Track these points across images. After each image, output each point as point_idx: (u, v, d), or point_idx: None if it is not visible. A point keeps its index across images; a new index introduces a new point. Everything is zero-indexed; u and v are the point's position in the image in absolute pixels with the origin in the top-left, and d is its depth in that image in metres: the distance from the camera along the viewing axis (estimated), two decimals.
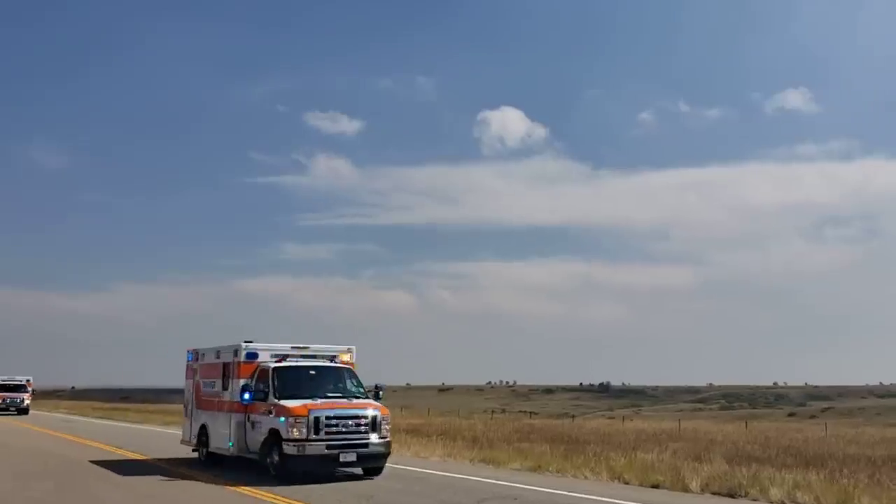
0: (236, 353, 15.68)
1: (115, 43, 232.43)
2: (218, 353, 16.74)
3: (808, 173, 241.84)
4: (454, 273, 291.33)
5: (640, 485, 13.65)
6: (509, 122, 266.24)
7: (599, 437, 28.92)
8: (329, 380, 15.36)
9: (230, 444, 15.43)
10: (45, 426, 34.39)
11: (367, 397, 15.07)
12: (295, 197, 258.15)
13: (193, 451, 17.50)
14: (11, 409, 47.35)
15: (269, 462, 14.04)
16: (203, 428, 17.00)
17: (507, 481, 13.84)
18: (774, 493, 11.87)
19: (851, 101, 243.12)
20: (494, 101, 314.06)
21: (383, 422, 14.49)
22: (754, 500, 11.93)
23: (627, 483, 13.94)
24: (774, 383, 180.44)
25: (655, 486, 13.39)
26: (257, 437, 14.66)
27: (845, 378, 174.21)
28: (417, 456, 19.50)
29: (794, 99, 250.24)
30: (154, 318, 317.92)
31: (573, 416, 71.24)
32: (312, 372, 15.36)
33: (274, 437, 13.94)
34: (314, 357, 15.88)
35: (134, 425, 37.74)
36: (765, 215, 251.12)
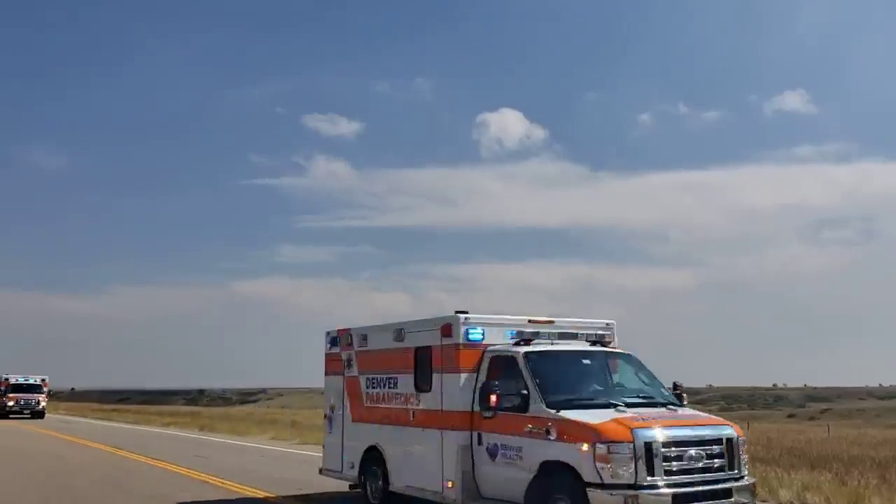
0: (448, 330, 9.78)
1: (114, 46, 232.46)
2: (401, 332, 10.78)
3: (806, 175, 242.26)
4: (453, 275, 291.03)
5: None
6: (508, 124, 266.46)
7: None
8: (613, 376, 9.67)
9: (447, 482, 9.41)
10: (57, 430, 34.22)
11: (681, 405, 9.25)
12: (293, 199, 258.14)
13: (353, 487, 11.63)
14: (26, 411, 42.60)
15: None
16: (374, 452, 10.92)
17: None
18: (784, 494, 11.78)
19: (850, 102, 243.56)
20: (493, 103, 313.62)
21: (741, 449, 8.60)
22: (763, 501, 11.82)
23: None
24: (774, 385, 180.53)
25: None
26: (512, 476, 8.64)
27: (844, 379, 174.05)
28: None
29: (793, 101, 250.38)
30: (152, 319, 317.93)
31: None
32: (587, 361, 9.74)
33: (556, 477, 8.14)
34: (573, 338, 10.11)
35: (153, 428, 37.60)
36: (763, 217, 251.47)
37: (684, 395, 9.56)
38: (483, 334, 9.59)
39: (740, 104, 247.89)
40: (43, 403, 43.44)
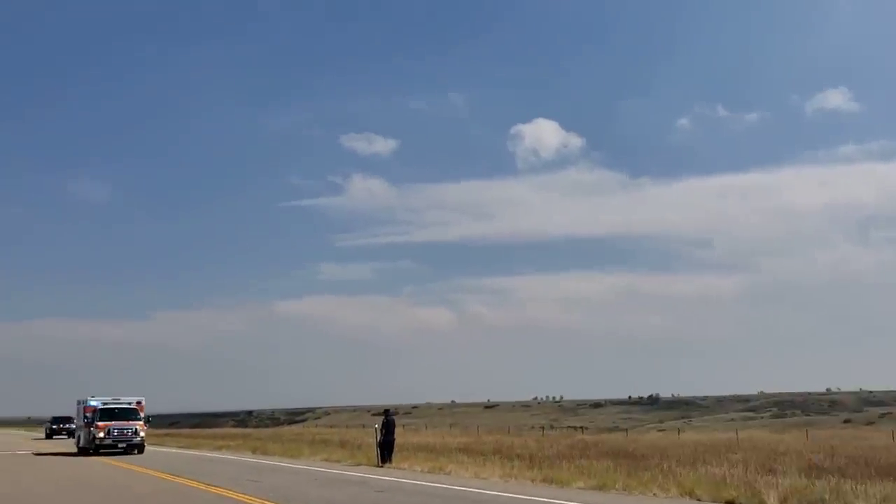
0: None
1: (152, 75, 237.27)
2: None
3: (851, 174, 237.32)
4: (493, 288, 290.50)
5: (713, 501, 13.16)
6: (544, 134, 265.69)
7: (657, 451, 28.31)
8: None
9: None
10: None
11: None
12: (333, 218, 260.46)
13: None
14: (120, 445, 32.36)
15: None
16: None
17: (574, 501, 13.43)
18: None
19: (893, 98, 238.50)
20: (528, 114, 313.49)
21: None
22: None
23: (699, 499, 13.46)
24: (827, 389, 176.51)
25: (730, 502, 12.89)
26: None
27: None
28: (477, 477, 19.15)
29: (834, 99, 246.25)
30: (198, 342, 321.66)
31: (626, 430, 70.14)
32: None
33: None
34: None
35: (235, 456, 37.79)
36: (808, 218, 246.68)
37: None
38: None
39: (781, 104, 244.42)
40: (142, 434, 33.49)
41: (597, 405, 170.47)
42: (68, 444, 41.16)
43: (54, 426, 60.86)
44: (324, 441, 39.80)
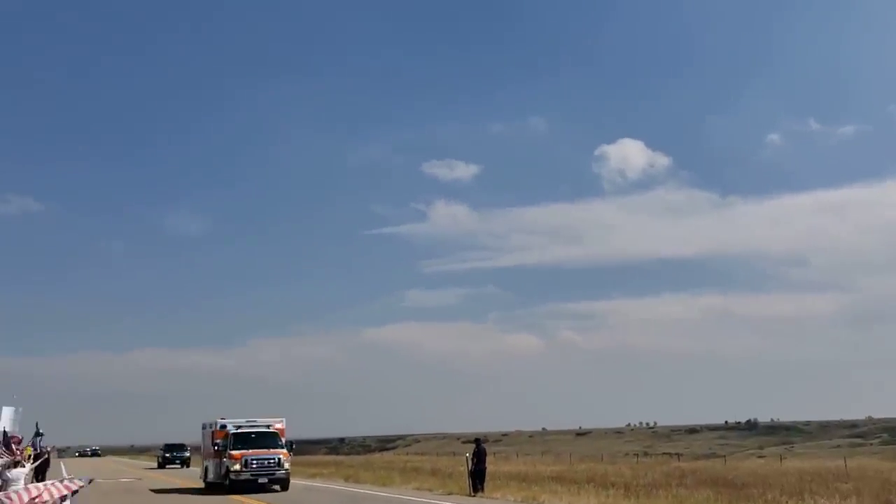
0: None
1: (240, 111, 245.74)
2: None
3: None
4: (582, 312, 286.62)
5: None
6: (629, 155, 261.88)
7: (758, 480, 27.30)
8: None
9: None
10: None
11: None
12: (416, 245, 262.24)
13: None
14: (261, 480, 25.88)
15: None
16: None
17: None
18: None
19: None
20: (612, 135, 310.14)
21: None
22: None
23: None
24: None
25: None
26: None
27: None
28: None
29: None
30: (289, 370, 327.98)
31: (724, 457, 67.81)
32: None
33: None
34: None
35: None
36: None
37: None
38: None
39: (878, 115, 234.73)
40: (287, 465, 26.51)
41: (692, 431, 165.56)
42: (185, 475, 39.04)
43: (167, 454, 56.75)
44: (415, 469, 39.89)
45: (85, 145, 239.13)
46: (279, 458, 26.10)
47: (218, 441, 27.18)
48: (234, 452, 25.92)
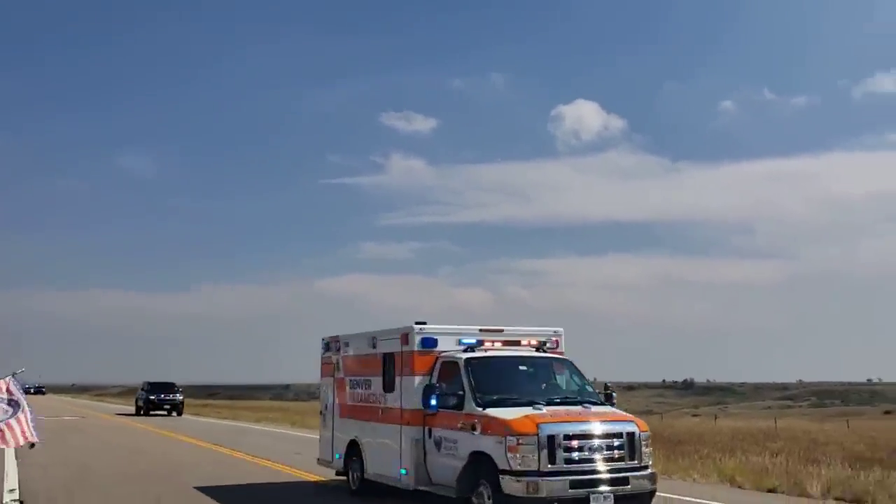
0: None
1: (195, 52, 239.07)
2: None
3: None
4: (531, 270, 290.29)
5: (755, 489, 13.15)
6: (585, 116, 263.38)
7: (693, 437, 28.16)
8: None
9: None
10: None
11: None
12: (372, 197, 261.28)
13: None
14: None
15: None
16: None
17: None
18: None
19: None
20: (569, 96, 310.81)
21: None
22: None
23: (741, 487, 13.45)
24: (868, 380, 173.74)
25: (771, 491, 12.87)
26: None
27: None
28: None
29: (885, 83, 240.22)
30: (238, 316, 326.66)
31: (660, 414, 69.86)
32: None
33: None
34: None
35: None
36: (854, 206, 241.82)
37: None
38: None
39: (829, 88, 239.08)
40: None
41: (630, 388, 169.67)
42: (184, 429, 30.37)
43: (152, 397, 42.35)
44: None
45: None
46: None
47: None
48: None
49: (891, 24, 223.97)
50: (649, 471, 9.66)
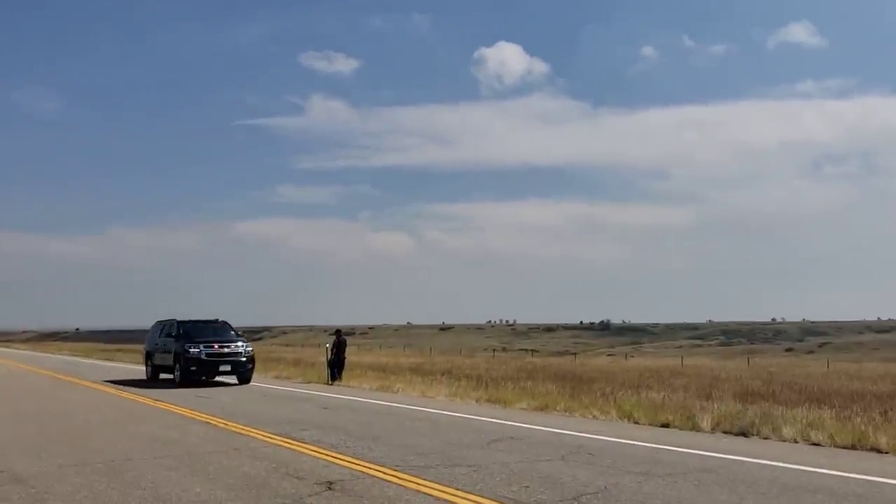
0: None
1: None
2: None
3: (807, 111, 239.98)
4: (452, 214, 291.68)
5: (650, 424, 13.52)
6: (507, 59, 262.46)
7: (603, 375, 29.03)
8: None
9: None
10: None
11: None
12: (290, 139, 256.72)
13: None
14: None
15: None
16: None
17: (515, 421, 13.70)
18: (787, 431, 11.70)
19: (854, 33, 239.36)
20: (492, 38, 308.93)
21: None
22: (766, 438, 11.78)
23: (637, 422, 13.81)
24: (773, 319, 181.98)
25: (665, 426, 13.25)
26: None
27: (843, 314, 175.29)
28: (423, 396, 19.45)
29: (798, 33, 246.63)
30: (153, 259, 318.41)
31: (575, 354, 71.68)
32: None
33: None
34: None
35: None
36: (763, 154, 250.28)
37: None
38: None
39: (745, 37, 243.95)
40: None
41: (549, 329, 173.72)
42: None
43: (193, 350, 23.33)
44: (277, 359, 40.01)
45: None
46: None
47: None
48: None
49: None
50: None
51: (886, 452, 10.36)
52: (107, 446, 11.06)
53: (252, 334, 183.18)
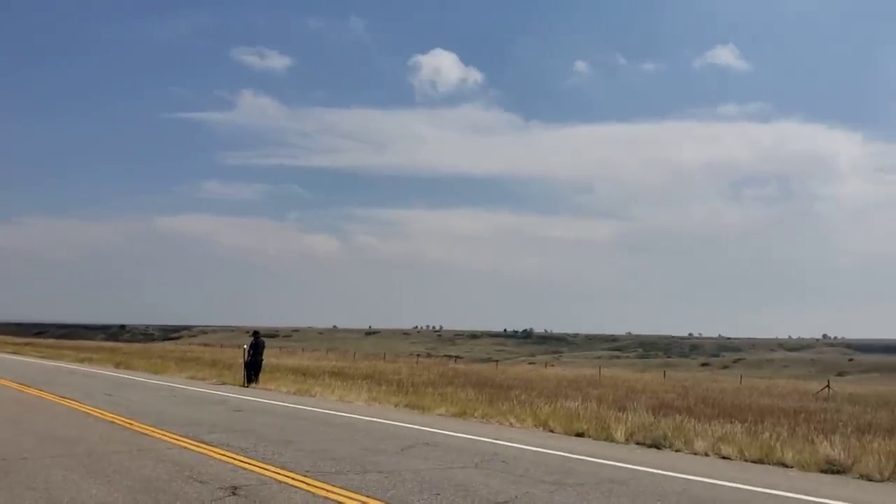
0: None
1: None
2: None
3: (729, 133, 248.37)
4: (381, 219, 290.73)
5: (565, 433, 13.56)
6: (442, 67, 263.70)
7: (523, 383, 29.15)
8: None
9: None
10: None
11: None
12: (218, 134, 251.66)
13: None
14: None
15: None
16: None
17: (432, 427, 13.57)
18: (699, 445, 11.87)
19: (776, 59, 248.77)
20: (428, 45, 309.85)
21: None
22: (678, 450, 11.92)
23: (552, 431, 13.84)
24: (689, 334, 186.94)
25: (580, 435, 13.31)
26: None
27: (757, 331, 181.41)
28: (342, 400, 19.14)
29: (724, 56, 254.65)
30: (71, 251, 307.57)
31: (497, 362, 72.08)
32: None
33: None
34: None
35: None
36: (687, 173, 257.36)
37: None
38: None
39: (676, 58, 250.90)
40: None
41: (474, 336, 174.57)
42: None
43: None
44: (194, 359, 38.99)
45: None
46: None
47: None
48: None
49: (731, 1, 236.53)
50: None
51: (791, 467, 10.59)
52: (1, 444, 10.47)
53: (169, 332, 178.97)
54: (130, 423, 12.92)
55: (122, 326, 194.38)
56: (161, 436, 11.56)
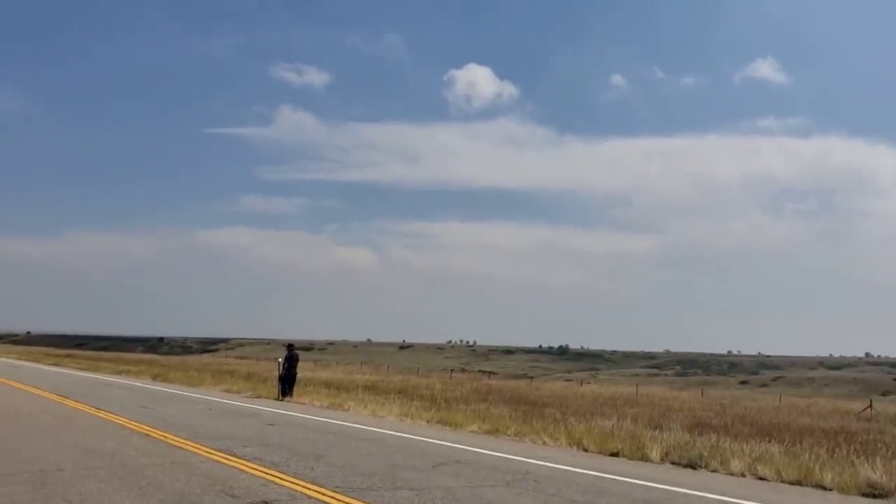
0: None
1: None
2: None
3: (768, 147, 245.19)
4: (417, 232, 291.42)
5: (599, 452, 13.40)
6: (477, 82, 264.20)
7: (557, 401, 28.92)
8: None
9: None
10: None
11: None
12: (258, 149, 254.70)
13: None
14: None
15: None
16: None
17: (463, 444, 13.50)
18: (735, 465, 11.65)
19: (817, 74, 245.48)
20: (462, 60, 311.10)
21: None
22: (714, 471, 11.71)
23: (586, 450, 13.68)
24: (728, 351, 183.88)
25: (615, 455, 13.14)
26: None
27: (797, 349, 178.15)
28: (374, 415, 19.13)
29: (763, 69, 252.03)
30: (113, 265, 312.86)
31: (531, 378, 71.63)
32: None
33: None
34: None
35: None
36: (726, 187, 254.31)
37: None
38: None
39: (716, 72, 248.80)
40: None
41: (508, 352, 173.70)
42: None
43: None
44: (230, 372, 39.34)
45: None
46: None
47: None
48: None
49: (770, 13, 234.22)
50: None
51: (830, 489, 10.35)
52: (38, 455, 10.63)
53: (207, 345, 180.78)
54: (165, 436, 13.03)
55: (161, 339, 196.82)
56: (195, 449, 11.64)
